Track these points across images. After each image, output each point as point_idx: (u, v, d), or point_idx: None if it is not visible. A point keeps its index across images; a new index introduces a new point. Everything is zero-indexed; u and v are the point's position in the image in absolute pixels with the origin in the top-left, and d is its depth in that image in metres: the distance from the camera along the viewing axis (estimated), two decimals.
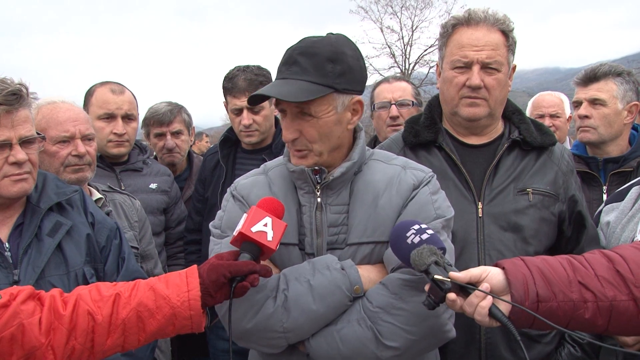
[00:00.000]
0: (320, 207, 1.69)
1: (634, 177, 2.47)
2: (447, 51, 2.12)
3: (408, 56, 33.35)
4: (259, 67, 3.00)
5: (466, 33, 2.06)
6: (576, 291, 1.35)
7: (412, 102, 3.24)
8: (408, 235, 1.47)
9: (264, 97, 1.67)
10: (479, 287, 1.36)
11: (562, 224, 2.14)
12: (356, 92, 1.68)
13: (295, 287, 1.60)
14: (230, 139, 3.12)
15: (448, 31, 2.12)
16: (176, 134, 3.48)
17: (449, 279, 1.37)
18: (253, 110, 2.89)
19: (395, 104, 3.21)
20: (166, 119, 3.44)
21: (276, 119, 3.07)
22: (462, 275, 1.38)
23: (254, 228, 1.51)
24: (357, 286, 1.61)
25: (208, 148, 5.03)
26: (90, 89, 2.97)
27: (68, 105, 2.35)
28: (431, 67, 31.09)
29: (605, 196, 2.75)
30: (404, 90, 3.28)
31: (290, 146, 1.71)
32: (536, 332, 2.05)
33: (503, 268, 1.40)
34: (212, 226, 1.80)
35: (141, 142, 3.30)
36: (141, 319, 1.43)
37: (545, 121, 3.61)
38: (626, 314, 1.34)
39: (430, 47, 31.74)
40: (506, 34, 2.06)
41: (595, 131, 2.83)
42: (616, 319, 1.35)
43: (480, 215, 2.05)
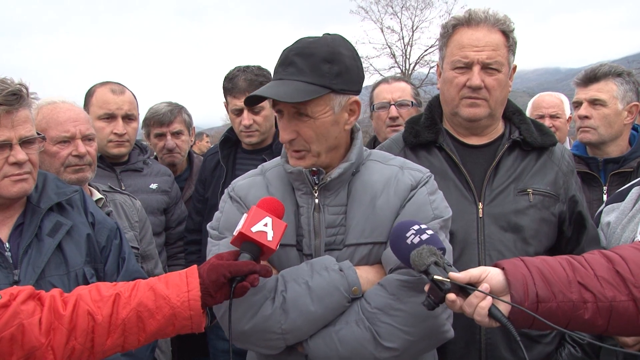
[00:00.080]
0: (318, 208, 1.69)
1: (634, 178, 2.46)
2: (448, 51, 2.12)
3: (408, 56, 33.36)
4: (259, 68, 2.99)
5: (467, 33, 2.06)
6: (576, 292, 1.35)
7: (412, 103, 3.23)
8: (408, 235, 1.47)
9: (261, 98, 1.67)
10: (479, 288, 1.36)
11: (563, 225, 2.14)
12: (353, 93, 1.67)
13: (293, 289, 1.60)
14: (230, 139, 3.11)
15: (448, 31, 2.12)
16: (176, 134, 3.48)
17: (449, 280, 1.37)
18: (253, 110, 2.89)
19: (394, 105, 3.21)
20: (166, 119, 3.44)
21: (276, 120, 3.07)
22: (462, 275, 1.38)
23: (254, 228, 1.51)
24: (356, 287, 1.61)
25: (208, 148, 5.03)
26: (90, 89, 2.97)
27: (68, 105, 2.34)
28: (431, 68, 31.07)
29: (605, 197, 2.75)
30: (403, 90, 3.27)
31: (287, 147, 1.71)
32: (536, 333, 2.04)
33: (503, 268, 1.40)
34: (210, 227, 1.79)
35: (141, 142, 3.30)
36: (141, 319, 1.43)
37: (545, 122, 3.60)
38: (626, 315, 1.34)
39: (430, 48, 31.74)
40: (507, 35, 2.06)
41: (595, 131, 2.83)
42: (616, 320, 1.35)
43: (480, 215, 2.04)
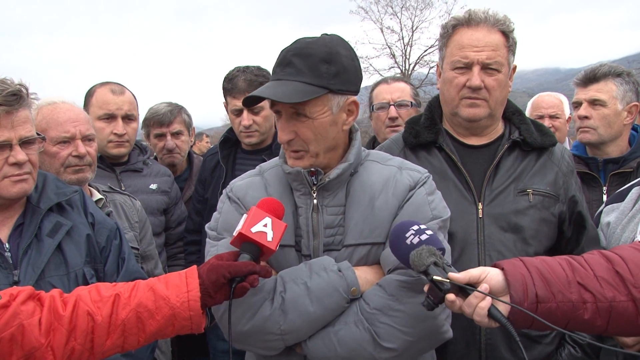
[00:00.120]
0: (316, 209, 1.69)
1: (634, 178, 2.46)
2: (448, 52, 2.12)
3: (408, 57, 33.37)
4: (259, 68, 2.99)
5: (466, 34, 2.06)
6: (575, 292, 1.35)
7: (411, 103, 3.23)
8: (407, 235, 1.47)
9: (259, 99, 1.67)
10: (478, 288, 1.36)
11: (562, 225, 2.13)
12: (351, 93, 1.67)
13: (292, 289, 1.60)
14: (230, 140, 3.11)
15: (448, 32, 2.12)
16: (176, 135, 3.48)
17: (448, 280, 1.37)
18: (253, 111, 2.88)
19: (393, 105, 3.20)
20: (166, 120, 3.44)
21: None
22: (461, 276, 1.38)
23: (254, 228, 1.51)
24: (354, 288, 1.61)
25: (208, 148, 5.03)
26: (90, 90, 2.97)
27: (68, 105, 2.34)
28: (431, 68, 31.08)
29: (605, 197, 2.75)
30: (403, 90, 3.27)
31: (285, 147, 1.70)
32: (536, 333, 2.04)
33: (502, 269, 1.40)
34: (208, 228, 1.79)
35: (141, 143, 3.30)
36: (141, 320, 1.43)
37: (544, 122, 3.60)
38: (625, 315, 1.34)
39: (430, 48, 31.75)
40: (506, 35, 2.06)
41: (595, 132, 2.83)
42: (615, 320, 1.35)
43: (480, 215, 2.04)
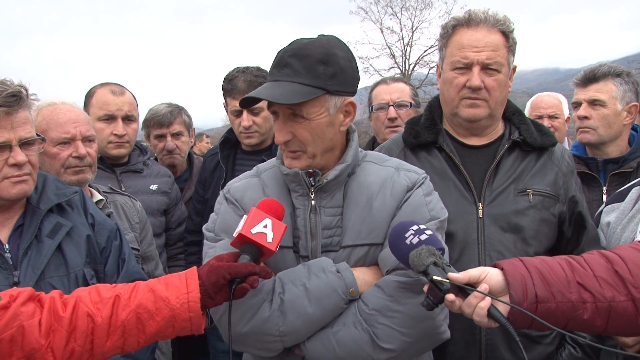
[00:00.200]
0: (314, 210, 1.69)
1: (634, 178, 2.46)
2: (448, 52, 2.12)
3: (408, 57, 33.40)
4: (259, 69, 2.99)
5: (466, 34, 2.06)
6: (575, 292, 1.35)
7: (410, 103, 3.22)
8: (407, 235, 1.47)
9: (256, 100, 1.67)
10: (478, 288, 1.36)
11: (563, 225, 2.13)
12: (348, 94, 1.67)
13: (291, 291, 1.60)
14: (230, 140, 3.11)
15: (448, 32, 2.12)
16: (176, 135, 3.48)
17: (448, 280, 1.37)
18: (253, 111, 2.88)
19: (393, 105, 3.19)
20: (166, 121, 3.44)
21: None
22: (461, 276, 1.38)
23: (254, 229, 1.50)
24: (353, 289, 1.61)
25: (208, 149, 5.03)
26: (90, 90, 2.97)
27: (68, 106, 2.34)
28: (431, 68, 31.10)
29: (605, 197, 2.75)
30: (402, 91, 3.26)
31: (283, 148, 1.70)
32: (536, 333, 2.04)
33: (502, 269, 1.40)
34: (206, 229, 1.78)
35: (141, 143, 3.30)
36: (141, 321, 1.43)
37: (543, 122, 3.60)
38: (625, 315, 1.34)
39: (430, 48, 31.79)
40: (506, 35, 2.06)
41: (594, 132, 2.83)
42: (615, 320, 1.35)
43: (480, 216, 2.04)
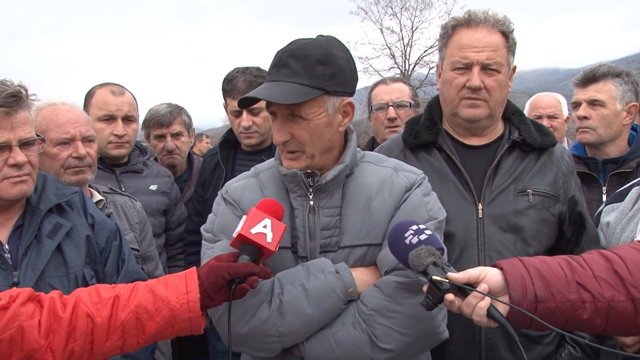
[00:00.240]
0: (313, 210, 1.69)
1: (634, 178, 2.46)
2: (447, 52, 2.12)
3: (408, 57, 33.43)
4: (258, 69, 2.99)
5: (466, 34, 2.06)
6: (574, 292, 1.35)
7: (410, 104, 3.22)
8: (406, 235, 1.47)
9: (255, 100, 1.67)
10: (477, 288, 1.36)
11: (562, 225, 2.13)
12: (347, 94, 1.68)
13: (290, 291, 1.60)
14: (230, 141, 3.11)
15: (448, 32, 2.12)
16: (176, 136, 3.48)
17: (447, 280, 1.37)
18: (252, 112, 2.88)
19: (392, 106, 3.19)
20: (166, 121, 3.44)
21: None
22: (460, 275, 1.38)
23: (254, 230, 1.50)
24: (352, 289, 1.61)
25: (208, 149, 5.02)
26: (90, 91, 2.97)
27: (68, 107, 2.34)
28: (431, 68, 31.12)
29: (604, 197, 2.75)
30: (401, 91, 3.26)
31: (281, 148, 1.70)
32: (536, 333, 2.04)
33: (501, 269, 1.40)
34: (204, 230, 1.78)
35: (141, 144, 3.29)
36: (140, 321, 1.43)
37: (542, 122, 3.60)
38: (624, 315, 1.34)
39: (430, 48, 31.81)
40: (506, 35, 2.06)
41: (594, 132, 2.83)
42: (614, 320, 1.35)
43: (480, 216, 2.04)
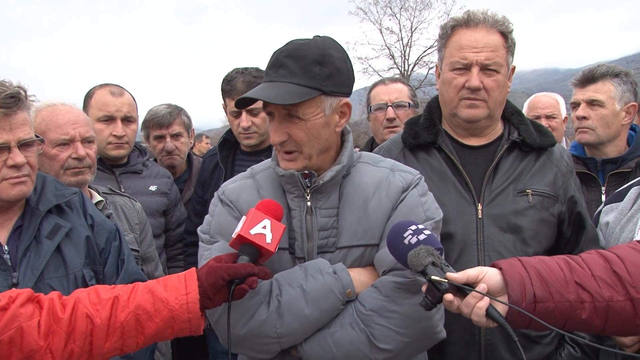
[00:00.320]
0: (310, 211, 1.69)
1: (633, 178, 2.47)
2: (446, 53, 2.12)
3: (407, 57, 33.45)
4: (258, 69, 2.99)
5: (465, 34, 2.06)
6: (573, 292, 1.35)
7: (409, 104, 3.23)
8: (405, 235, 1.47)
9: (252, 100, 1.67)
10: (476, 288, 1.36)
11: (562, 225, 2.13)
12: (344, 95, 1.68)
13: (288, 292, 1.60)
14: (229, 141, 3.11)
15: (447, 33, 2.12)
16: (176, 136, 3.48)
17: (446, 280, 1.37)
18: (252, 112, 2.89)
19: (391, 106, 3.20)
20: (165, 122, 3.44)
21: None
22: (459, 276, 1.38)
23: (253, 230, 1.50)
24: (350, 290, 1.61)
25: (208, 149, 5.02)
26: (89, 91, 2.97)
27: (68, 107, 2.34)
28: (430, 69, 31.14)
29: (604, 197, 2.75)
30: (400, 91, 3.26)
31: (278, 149, 1.70)
32: (536, 333, 2.04)
33: (500, 269, 1.40)
34: (201, 231, 1.77)
35: (140, 144, 3.30)
36: (140, 322, 1.43)
37: (541, 122, 3.60)
38: (623, 315, 1.34)
39: (429, 49, 31.82)
40: (505, 35, 2.06)
41: (593, 132, 2.83)
42: (613, 320, 1.35)
43: (480, 216, 2.04)
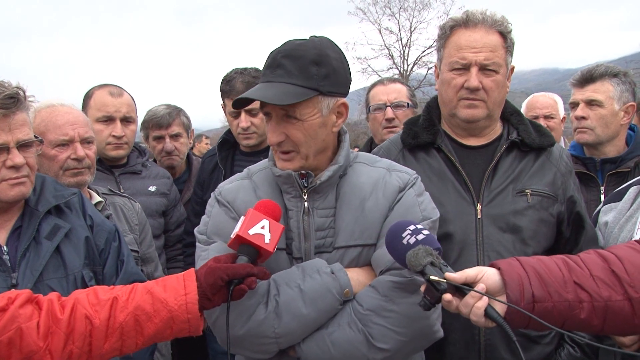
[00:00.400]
0: (307, 211, 1.69)
1: (632, 178, 2.47)
2: (445, 53, 2.12)
3: (406, 57, 33.44)
4: (257, 70, 2.98)
5: (464, 35, 2.06)
6: (571, 291, 1.35)
7: (407, 104, 3.23)
8: (404, 235, 1.47)
9: (250, 100, 1.67)
10: (475, 288, 1.36)
11: (561, 225, 2.13)
12: (341, 95, 1.68)
13: (286, 292, 1.60)
14: (228, 141, 3.11)
15: (446, 33, 2.12)
16: (175, 137, 3.48)
17: (445, 280, 1.37)
18: (251, 112, 2.88)
19: (390, 106, 3.20)
20: (165, 122, 3.44)
21: None
22: (458, 275, 1.38)
23: (252, 230, 1.51)
24: (347, 289, 1.61)
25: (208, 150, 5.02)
26: (88, 92, 2.97)
27: (67, 108, 2.34)
28: (429, 69, 31.12)
29: (602, 197, 2.75)
30: (399, 91, 3.26)
31: (275, 149, 1.70)
32: (535, 333, 2.04)
33: (499, 268, 1.40)
34: (198, 232, 1.77)
35: (140, 145, 3.29)
36: (139, 323, 1.43)
37: (539, 122, 3.60)
38: (621, 314, 1.34)
39: (428, 49, 31.80)
40: (504, 35, 2.06)
41: (592, 132, 2.83)
42: (611, 319, 1.35)
43: (479, 216, 2.04)
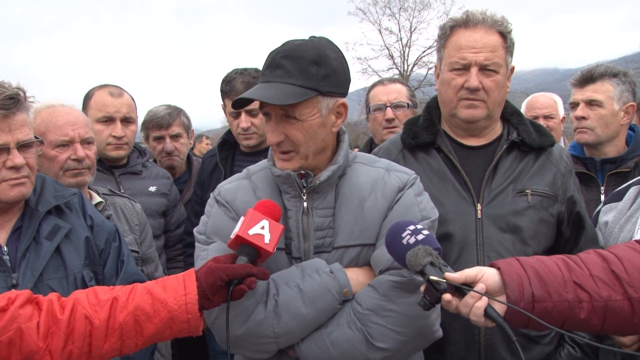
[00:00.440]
0: (306, 211, 1.69)
1: (632, 178, 2.47)
2: (445, 53, 2.12)
3: (406, 58, 33.44)
4: (257, 70, 2.98)
5: (464, 35, 2.06)
6: (571, 291, 1.35)
7: (407, 104, 3.23)
8: (404, 235, 1.47)
9: (249, 101, 1.67)
10: (474, 288, 1.36)
11: (561, 225, 2.13)
12: (340, 95, 1.68)
13: (285, 292, 1.60)
14: (228, 142, 3.12)
15: (446, 33, 2.12)
16: (175, 137, 3.48)
17: (445, 280, 1.37)
18: (251, 113, 2.89)
19: (390, 106, 3.20)
20: (165, 122, 3.44)
21: None
22: (458, 275, 1.38)
23: (251, 231, 1.51)
24: (347, 289, 1.62)
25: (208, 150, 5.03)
26: (89, 92, 2.97)
27: (67, 109, 2.34)
28: (430, 69, 31.12)
29: (602, 197, 2.76)
30: (399, 92, 3.26)
31: (275, 149, 1.70)
32: (535, 333, 2.04)
33: (498, 268, 1.40)
34: (197, 232, 1.78)
35: (140, 145, 3.29)
36: (138, 323, 1.43)
37: (538, 122, 3.60)
38: (621, 314, 1.34)
39: (428, 49, 31.80)
40: (504, 36, 2.06)
41: (592, 132, 2.83)
42: (611, 319, 1.35)
43: (479, 216, 2.04)
